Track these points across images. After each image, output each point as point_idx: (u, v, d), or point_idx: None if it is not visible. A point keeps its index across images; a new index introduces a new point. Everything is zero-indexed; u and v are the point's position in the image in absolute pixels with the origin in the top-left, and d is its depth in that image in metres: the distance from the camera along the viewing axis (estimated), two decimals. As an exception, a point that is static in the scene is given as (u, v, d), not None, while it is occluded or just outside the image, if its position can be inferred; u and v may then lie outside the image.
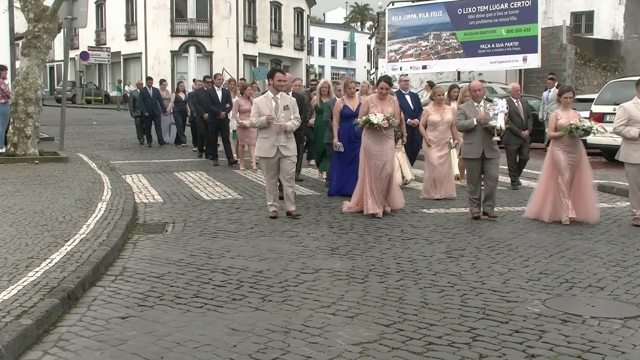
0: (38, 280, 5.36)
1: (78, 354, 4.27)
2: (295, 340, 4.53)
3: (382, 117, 8.73)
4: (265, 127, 8.58)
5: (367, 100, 9.22)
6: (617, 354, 4.34)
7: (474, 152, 8.74)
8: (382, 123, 8.73)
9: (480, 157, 8.71)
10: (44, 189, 9.99)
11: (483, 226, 8.46)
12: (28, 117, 13.44)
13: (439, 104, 10.77)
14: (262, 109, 8.60)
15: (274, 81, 8.67)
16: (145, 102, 18.59)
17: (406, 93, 12.34)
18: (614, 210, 9.64)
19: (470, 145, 8.80)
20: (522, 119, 11.45)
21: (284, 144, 8.58)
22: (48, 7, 14.08)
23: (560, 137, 8.59)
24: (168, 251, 6.98)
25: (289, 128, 8.62)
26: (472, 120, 8.65)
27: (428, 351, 4.35)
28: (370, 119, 8.75)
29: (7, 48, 21.10)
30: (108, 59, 45.15)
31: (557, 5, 33.48)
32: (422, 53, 28.86)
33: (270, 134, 8.58)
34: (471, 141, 8.79)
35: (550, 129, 8.82)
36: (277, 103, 8.63)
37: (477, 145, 8.70)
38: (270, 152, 8.60)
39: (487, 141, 8.67)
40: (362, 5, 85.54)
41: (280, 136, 8.54)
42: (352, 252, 7.05)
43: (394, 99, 9.37)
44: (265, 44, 49.00)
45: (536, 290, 5.74)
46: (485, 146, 8.68)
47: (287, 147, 8.63)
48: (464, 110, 8.90)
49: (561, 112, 8.80)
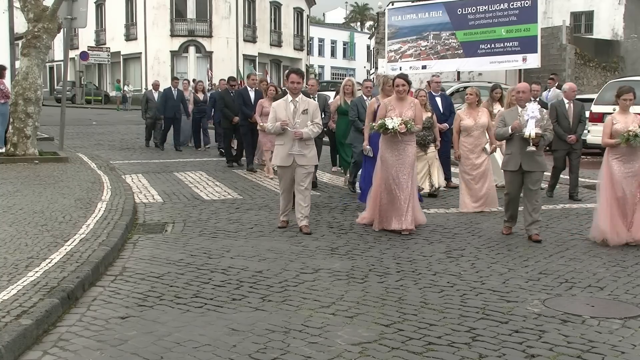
0: (38, 280, 5.36)
1: (78, 354, 4.28)
2: (295, 340, 4.53)
3: (400, 122, 7.81)
4: (281, 133, 7.95)
5: (385, 103, 8.27)
6: (616, 354, 4.34)
7: (512, 164, 7.75)
8: (399, 128, 7.80)
9: (519, 169, 7.69)
10: (44, 189, 9.99)
11: (483, 226, 8.46)
12: (28, 117, 13.43)
13: (472, 107, 9.75)
14: (279, 113, 7.96)
15: (288, 83, 8.03)
16: (168, 103, 17.05)
17: (437, 95, 11.61)
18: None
19: (509, 156, 7.86)
20: (569, 123, 10.32)
21: (300, 152, 7.88)
22: (48, 7, 14.07)
23: (616, 145, 7.61)
24: (168, 251, 6.98)
25: (305, 135, 7.86)
26: (507, 128, 7.71)
27: (428, 351, 4.35)
28: (385, 123, 7.88)
29: (7, 48, 21.12)
30: (108, 59, 45.22)
31: (556, 5, 33.48)
32: (421, 53, 28.82)
33: (286, 140, 7.91)
34: (509, 151, 7.86)
35: (604, 135, 7.78)
36: (296, 107, 7.96)
37: (515, 156, 7.70)
38: (286, 161, 7.93)
39: (525, 152, 7.60)
40: (361, 5, 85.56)
41: (295, 143, 7.86)
42: (351, 252, 7.05)
43: (416, 102, 8.34)
44: (265, 44, 49.02)
45: (536, 290, 5.74)
46: (523, 157, 7.63)
47: (304, 156, 7.92)
48: (504, 117, 7.97)
49: (618, 116, 7.78)
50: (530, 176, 7.66)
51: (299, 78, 7.99)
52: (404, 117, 7.87)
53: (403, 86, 8.05)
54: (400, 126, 7.78)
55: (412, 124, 7.87)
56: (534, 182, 7.68)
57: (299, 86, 8.02)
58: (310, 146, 8.00)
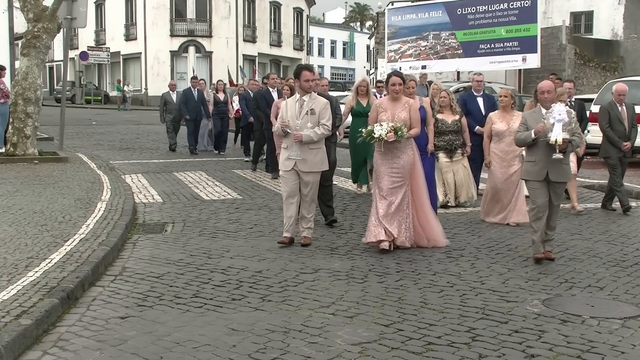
0: (37, 280, 5.36)
1: (77, 354, 4.28)
2: (295, 340, 4.53)
3: (388, 128, 6.81)
4: (283, 135, 7.28)
5: (377, 105, 7.36)
6: (616, 354, 4.34)
7: (536, 174, 6.69)
8: (387, 136, 6.78)
9: (545, 179, 6.67)
10: (44, 189, 9.99)
11: (483, 226, 8.46)
12: (27, 117, 13.43)
13: (506, 110, 8.83)
14: (283, 113, 7.32)
15: (301, 81, 7.22)
16: (188, 104, 16.22)
17: (479, 95, 10.42)
18: (614, 210, 9.63)
19: (532, 163, 6.74)
20: (625, 128, 9.38)
21: (300, 156, 7.11)
22: (47, 7, 14.07)
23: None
24: (167, 251, 6.98)
25: (305, 138, 7.06)
26: (530, 132, 6.67)
27: (427, 351, 4.35)
28: (373, 131, 6.90)
29: (7, 48, 21.15)
30: (107, 59, 45.22)
31: (556, 5, 33.50)
32: (421, 53, 28.85)
33: (289, 143, 7.22)
34: (532, 159, 6.75)
35: None
36: (302, 106, 7.21)
37: (540, 164, 6.65)
38: (286, 165, 7.23)
39: (552, 159, 6.57)
40: (361, 5, 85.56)
41: (295, 147, 7.11)
42: (351, 252, 7.04)
43: (412, 103, 7.30)
44: (265, 44, 49.04)
45: (536, 290, 5.74)
46: (550, 166, 6.60)
47: (306, 161, 7.14)
48: (525, 119, 6.90)
49: None
50: (556, 187, 6.74)
51: (312, 75, 7.23)
52: (396, 120, 6.96)
53: (400, 85, 7.15)
54: (388, 134, 6.78)
55: (403, 131, 6.83)
56: (559, 196, 6.79)
57: (313, 84, 7.31)
58: (314, 150, 7.20)
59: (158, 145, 18.68)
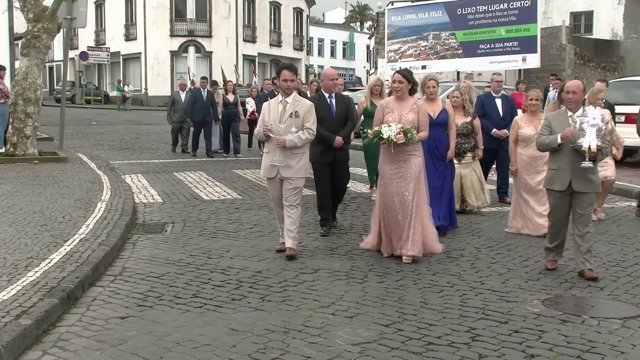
0: (37, 281, 5.36)
1: (77, 354, 4.28)
2: (295, 340, 4.53)
3: (397, 129, 6.55)
4: (265, 139, 6.88)
5: (382, 105, 7.05)
6: (616, 354, 4.34)
7: (559, 182, 6.16)
8: (397, 138, 6.52)
9: (568, 189, 6.15)
10: (44, 189, 9.99)
11: (483, 226, 8.46)
12: (27, 117, 13.42)
13: (534, 113, 8.15)
14: (266, 116, 6.87)
15: (280, 81, 6.97)
16: (196, 106, 15.69)
17: (497, 96, 9.98)
18: (614, 210, 9.63)
19: (554, 172, 6.21)
20: None
21: (282, 162, 6.72)
22: (47, 7, 14.07)
23: None
24: (167, 251, 6.98)
25: (288, 143, 6.65)
26: (555, 136, 6.09)
27: (427, 351, 4.35)
28: (381, 132, 6.65)
29: (7, 48, 21.14)
30: (107, 59, 45.25)
31: (556, 5, 33.50)
32: (421, 53, 28.84)
33: (270, 148, 6.82)
34: (555, 166, 6.21)
35: None
36: (285, 108, 6.80)
37: (564, 172, 6.12)
38: (269, 172, 6.85)
39: (579, 168, 6.00)
40: (361, 5, 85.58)
41: (277, 152, 6.73)
42: (351, 252, 7.04)
43: (419, 104, 7.00)
44: (265, 44, 49.06)
45: (535, 290, 5.74)
46: (574, 174, 6.06)
47: (290, 167, 6.75)
48: (549, 122, 6.30)
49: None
50: (580, 198, 6.13)
51: (292, 75, 6.80)
52: (403, 122, 6.67)
53: (399, 83, 6.81)
54: (398, 136, 6.52)
55: (413, 133, 6.56)
56: (586, 206, 6.15)
57: (292, 84, 6.83)
58: (298, 155, 6.79)
59: (158, 145, 18.69)
